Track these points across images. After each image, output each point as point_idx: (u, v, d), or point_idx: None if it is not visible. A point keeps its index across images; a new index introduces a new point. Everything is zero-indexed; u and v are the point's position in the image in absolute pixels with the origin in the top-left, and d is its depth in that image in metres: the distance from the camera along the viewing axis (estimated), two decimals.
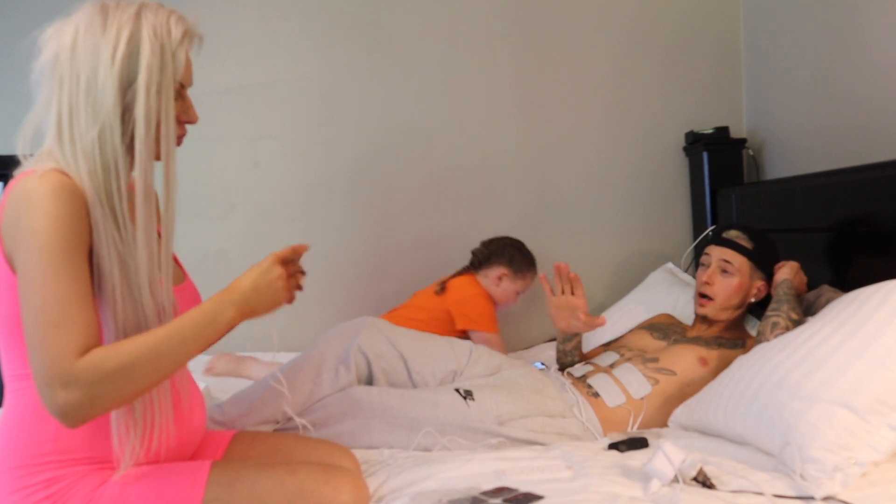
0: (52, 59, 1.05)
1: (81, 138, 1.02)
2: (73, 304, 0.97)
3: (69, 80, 1.04)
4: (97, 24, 1.04)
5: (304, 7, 2.54)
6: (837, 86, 2.16)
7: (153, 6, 1.08)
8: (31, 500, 1.02)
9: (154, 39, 1.05)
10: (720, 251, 1.81)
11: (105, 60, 1.02)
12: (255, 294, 1.08)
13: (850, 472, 1.14)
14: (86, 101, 1.03)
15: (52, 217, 0.97)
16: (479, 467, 1.30)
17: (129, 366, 0.97)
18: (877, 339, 1.25)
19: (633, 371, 1.69)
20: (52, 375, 0.94)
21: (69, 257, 0.98)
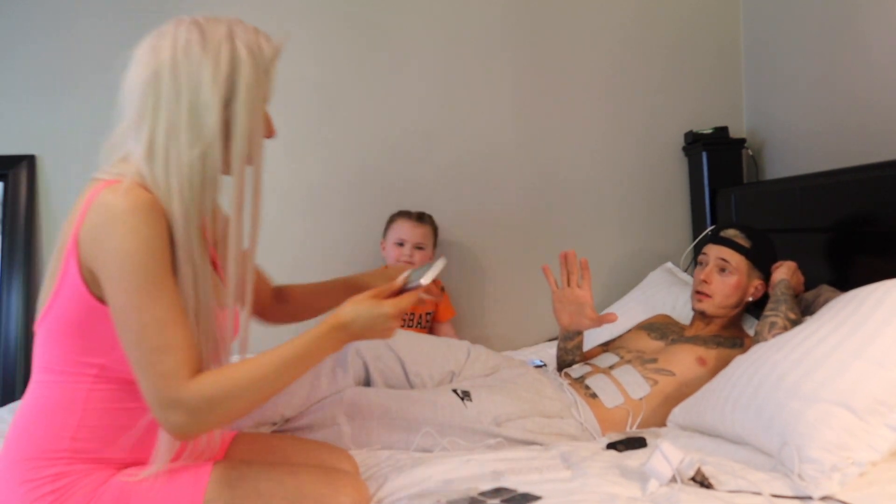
0: (151, 77, 1.03)
1: (179, 157, 1.02)
2: (173, 326, 0.99)
3: (169, 98, 1.02)
4: (195, 43, 1.04)
5: (304, 7, 2.54)
6: (837, 86, 2.16)
7: (240, 24, 1.09)
8: (38, 493, 1.03)
9: (250, 58, 1.05)
10: (718, 250, 1.81)
11: (207, 80, 1.02)
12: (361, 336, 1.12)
13: (848, 471, 1.14)
14: (188, 119, 1.02)
15: (143, 237, 0.97)
16: (478, 468, 1.30)
17: (235, 393, 1.01)
18: (875, 338, 1.25)
19: (632, 373, 1.69)
20: (162, 399, 0.97)
21: (163, 279, 0.99)
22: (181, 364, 0.98)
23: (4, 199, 2.45)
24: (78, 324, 1.03)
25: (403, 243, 2.31)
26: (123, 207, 0.97)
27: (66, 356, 1.05)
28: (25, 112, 2.48)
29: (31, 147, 2.49)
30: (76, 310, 1.02)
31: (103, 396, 1.06)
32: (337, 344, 1.10)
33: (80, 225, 1.01)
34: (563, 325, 1.76)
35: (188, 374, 0.98)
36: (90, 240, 0.99)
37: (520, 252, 2.64)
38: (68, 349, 1.04)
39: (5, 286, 2.41)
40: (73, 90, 2.48)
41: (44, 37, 2.47)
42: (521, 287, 2.64)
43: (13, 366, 2.38)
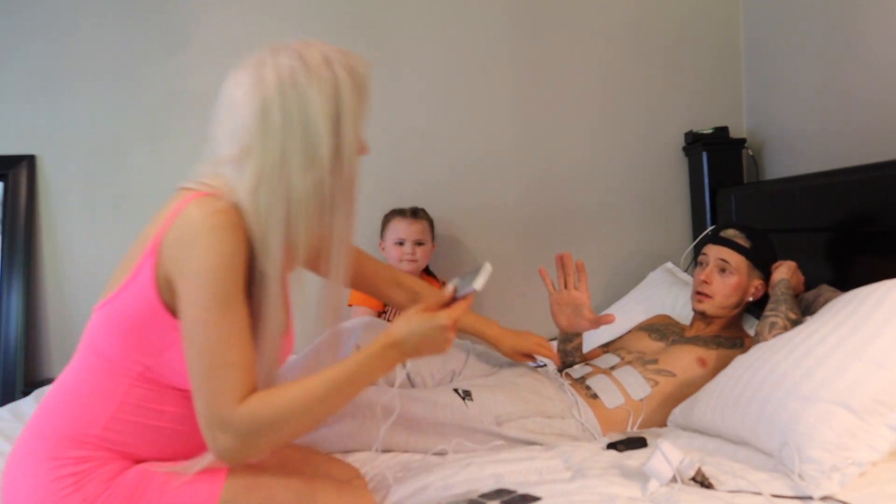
0: (260, 108, 1.03)
1: (292, 185, 1.03)
2: (237, 346, 0.99)
3: (280, 127, 1.03)
4: (299, 70, 1.04)
5: (305, 7, 2.54)
6: (837, 86, 2.16)
7: (329, 46, 1.09)
8: (60, 472, 1.04)
9: (350, 79, 1.06)
10: (718, 250, 1.81)
11: (316, 106, 1.03)
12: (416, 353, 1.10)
13: (847, 471, 1.14)
14: (301, 147, 1.03)
15: (225, 255, 0.98)
16: (478, 472, 1.30)
17: (287, 416, 1.00)
18: (875, 339, 1.25)
19: (632, 373, 1.69)
20: (213, 419, 0.97)
21: (236, 298, 1.00)
22: (237, 384, 0.98)
23: (4, 199, 2.45)
24: (138, 322, 1.04)
25: (403, 242, 2.32)
26: (211, 223, 0.98)
27: (117, 348, 1.06)
28: (25, 112, 2.48)
29: (31, 147, 2.49)
30: (140, 309, 1.03)
31: (141, 394, 1.07)
32: (391, 363, 1.08)
33: (164, 231, 1.02)
34: (562, 327, 1.76)
35: (242, 395, 0.98)
36: (173, 248, 1.00)
37: (520, 252, 2.64)
38: (121, 342, 1.05)
39: (5, 286, 2.41)
40: (73, 90, 2.48)
41: (44, 37, 2.47)
42: (521, 287, 2.64)
43: (13, 366, 2.38)
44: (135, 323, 1.04)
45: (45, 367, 2.48)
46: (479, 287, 1.09)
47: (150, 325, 1.04)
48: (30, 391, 2.11)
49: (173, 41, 2.48)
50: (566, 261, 1.70)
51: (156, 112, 2.49)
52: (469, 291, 1.10)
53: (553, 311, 1.74)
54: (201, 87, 2.48)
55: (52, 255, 2.48)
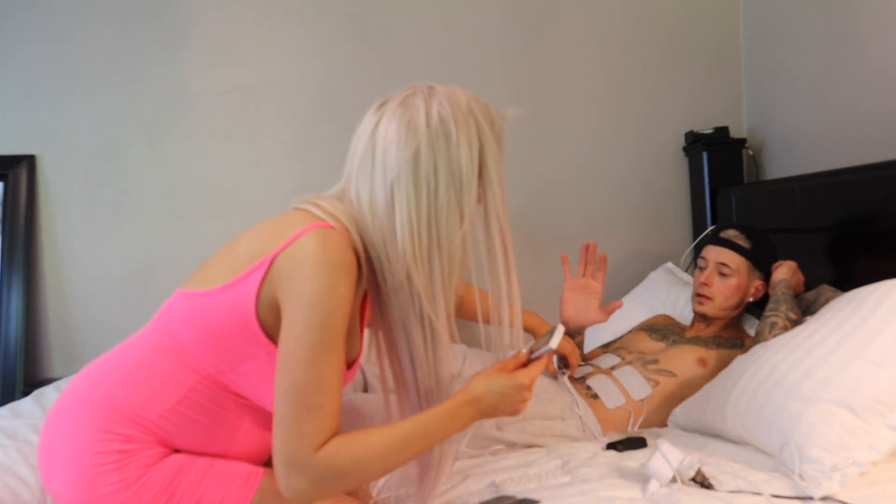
0: (413, 156, 1.03)
1: (440, 237, 1.04)
2: (330, 389, 0.98)
3: (431, 179, 1.04)
4: (450, 120, 1.05)
5: (305, 7, 2.54)
6: (837, 86, 2.16)
7: (471, 96, 1.11)
8: (106, 447, 1.03)
9: (491, 132, 1.09)
10: (717, 252, 1.81)
11: (465, 160, 1.04)
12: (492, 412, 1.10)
13: (848, 471, 1.14)
14: (449, 200, 1.04)
15: (341, 296, 0.97)
16: (476, 483, 1.30)
17: (362, 465, 0.99)
18: (875, 339, 1.25)
19: (633, 374, 1.69)
20: (290, 460, 0.96)
21: (340, 339, 0.99)
22: (322, 429, 0.97)
23: (4, 199, 2.45)
24: (226, 329, 1.02)
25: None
26: (330, 259, 0.97)
27: (196, 343, 1.04)
28: (25, 112, 2.48)
29: (31, 147, 2.49)
30: (233, 318, 1.02)
31: (205, 394, 1.06)
32: (468, 421, 1.07)
33: (281, 250, 1.00)
34: (567, 317, 1.69)
35: (323, 441, 0.97)
36: (287, 272, 0.98)
37: (520, 252, 2.62)
38: (202, 340, 1.04)
39: (5, 286, 2.41)
40: (73, 90, 2.48)
41: (44, 37, 2.47)
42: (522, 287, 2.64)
43: (13, 366, 2.38)
44: (223, 329, 1.02)
45: (45, 367, 2.48)
46: (554, 346, 1.10)
47: (238, 336, 1.02)
48: (30, 391, 2.11)
49: (173, 42, 2.48)
50: (591, 250, 1.70)
51: (156, 112, 2.49)
52: (545, 351, 1.11)
53: (563, 299, 1.69)
54: (202, 88, 2.48)
55: (52, 255, 2.48)
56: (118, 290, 2.46)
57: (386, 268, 1.05)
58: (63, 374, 2.46)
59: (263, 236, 1.04)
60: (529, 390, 1.10)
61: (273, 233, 1.04)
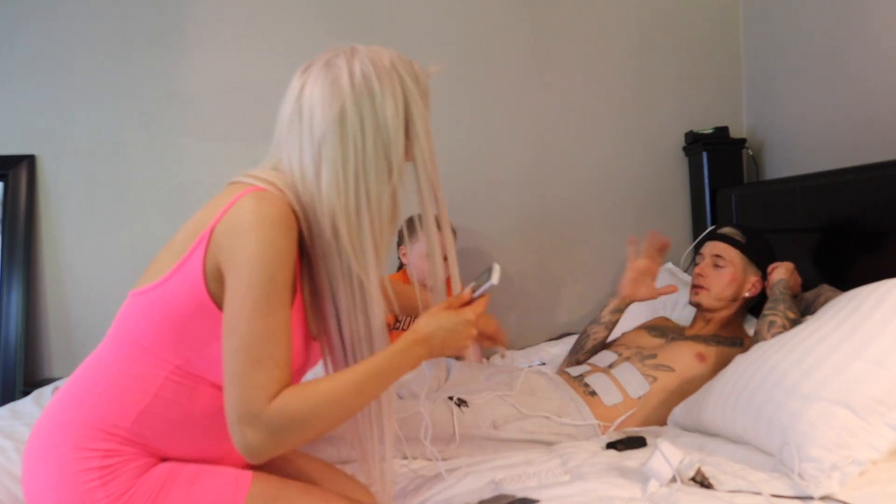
0: (338, 115, 1.04)
1: (369, 192, 1.05)
2: (278, 341, 0.98)
3: (357, 135, 1.04)
4: (373, 77, 1.06)
5: (304, 7, 2.54)
6: (837, 86, 2.16)
7: (394, 54, 1.11)
8: (86, 464, 1.02)
9: (415, 86, 1.09)
10: (713, 245, 1.85)
11: (390, 114, 1.05)
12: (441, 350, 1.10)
13: (847, 471, 1.14)
14: (377, 155, 1.05)
15: (279, 250, 0.98)
16: (477, 480, 1.30)
17: (317, 412, 0.99)
18: (875, 338, 1.25)
19: (631, 370, 1.69)
20: (243, 414, 0.95)
21: (284, 293, 0.99)
22: (274, 380, 0.97)
23: (4, 199, 2.45)
24: (183, 314, 1.02)
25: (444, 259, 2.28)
26: (266, 215, 0.98)
27: (157, 338, 1.04)
28: (25, 112, 2.48)
29: (31, 147, 2.49)
30: (187, 300, 1.02)
31: (176, 389, 1.05)
32: (417, 360, 1.08)
33: (217, 222, 1.01)
34: (625, 292, 1.82)
35: (276, 392, 0.96)
36: (225, 238, 0.99)
37: (521, 252, 2.64)
38: (163, 332, 1.03)
39: (5, 286, 2.41)
40: (73, 90, 2.48)
41: (44, 37, 2.47)
42: (524, 286, 2.64)
43: (13, 366, 2.38)
44: (179, 314, 1.02)
45: (45, 367, 2.48)
46: (496, 281, 1.13)
47: (195, 316, 1.02)
48: (30, 391, 2.11)
49: (173, 42, 2.48)
50: (656, 236, 1.82)
51: (156, 112, 2.49)
52: (487, 287, 1.13)
53: (627, 276, 1.83)
54: (201, 88, 2.48)
55: (52, 255, 2.49)
56: (118, 290, 2.46)
57: (315, 228, 1.05)
58: (63, 375, 2.46)
59: (200, 216, 1.05)
60: (475, 326, 1.12)
61: (209, 210, 1.04)
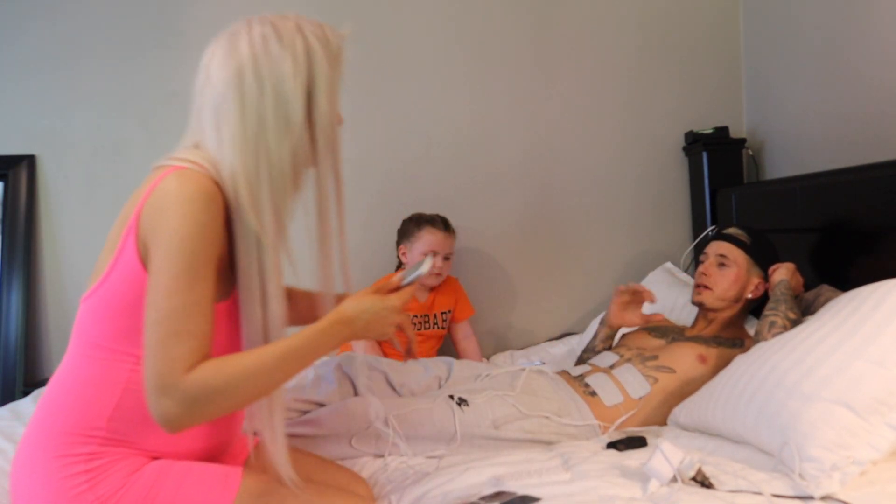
0: (234, 75, 1.05)
1: (269, 151, 1.05)
2: (198, 315, 0.99)
3: (254, 94, 1.05)
4: (271, 38, 1.06)
5: (305, 7, 2.54)
6: (837, 86, 2.16)
7: (303, 18, 1.11)
8: (70, 470, 1.03)
9: (323, 48, 1.08)
10: (717, 245, 1.85)
11: (288, 73, 1.05)
12: (364, 332, 1.11)
13: (848, 471, 1.14)
14: (275, 114, 1.05)
15: (199, 224, 0.98)
16: (477, 475, 1.30)
17: (234, 385, 0.99)
18: (875, 338, 1.25)
19: (632, 371, 1.69)
20: (160, 384, 0.96)
21: (205, 267, 1.00)
22: (192, 352, 0.97)
23: (4, 199, 2.45)
24: (130, 302, 1.03)
25: (434, 254, 2.28)
26: (187, 192, 0.99)
27: (113, 334, 1.05)
28: (25, 112, 2.48)
29: (31, 147, 2.49)
30: (130, 287, 1.02)
31: (141, 380, 1.05)
32: (339, 340, 1.09)
33: (142, 204, 1.02)
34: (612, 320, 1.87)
35: (193, 364, 0.97)
36: (150, 219, 1.00)
37: (521, 252, 2.64)
38: (117, 327, 1.04)
39: (5, 286, 2.41)
40: (73, 90, 2.48)
41: (45, 37, 2.47)
42: (524, 286, 2.64)
43: (13, 366, 2.38)
44: (128, 304, 1.03)
45: (45, 367, 2.48)
46: (425, 271, 1.16)
47: (141, 301, 1.02)
48: (30, 391, 2.12)
49: (172, 41, 2.48)
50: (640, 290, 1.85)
51: (155, 111, 2.49)
52: (415, 277, 1.17)
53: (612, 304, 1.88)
54: None
55: (52, 255, 2.48)
56: None
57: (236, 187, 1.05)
58: None
59: (127, 207, 1.07)
60: (400, 313, 1.13)
61: (134, 198, 1.06)
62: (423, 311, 2.33)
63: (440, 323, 2.36)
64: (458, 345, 2.44)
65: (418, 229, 2.30)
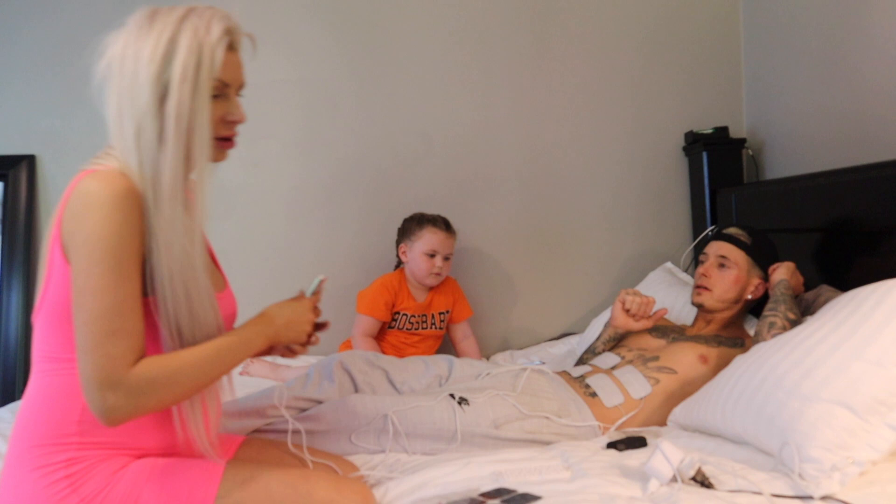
0: (107, 66, 1.07)
1: (125, 137, 1.05)
2: (128, 312, 1.00)
3: (118, 82, 1.06)
4: (144, 28, 1.07)
5: (305, 8, 2.54)
6: (837, 86, 2.16)
7: (201, 9, 1.10)
8: (51, 478, 1.04)
9: (193, 38, 1.06)
10: (718, 246, 1.84)
11: (144, 60, 1.05)
12: (285, 331, 1.17)
13: (848, 471, 1.14)
14: (129, 100, 1.05)
15: (116, 223, 1.00)
16: (478, 470, 1.30)
17: (176, 378, 1.02)
18: (875, 338, 1.25)
19: (633, 372, 1.69)
20: (104, 380, 0.98)
21: (128, 265, 1.01)
22: (131, 349, 1.00)
23: (4, 199, 2.45)
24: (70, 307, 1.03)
25: (435, 254, 2.29)
26: (100, 194, 1.00)
27: (64, 343, 1.06)
28: (25, 112, 2.48)
29: (31, 147, 2.49)
30: (68, 294, 1.03)
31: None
32: (264, 337, 1.14)
33: (62, 211, 1.04)
34: (617, 321, 1.86)
35: (134, 360, 1.00)
36: (69, 223, 1.02)
37: (521, 252, 2.64)
38: (66, 335, 1.05)
39: (5, 286, 2.41)
40: (73, 90, 2.48)
41: (45, 37, 2.47)
42: (524, 286, 2.64)
43: (13, 366, 2.38)
44: (69, 311, 1.03)
45: None
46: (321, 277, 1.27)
47: None
48: None
49: None
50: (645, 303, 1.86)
51: None
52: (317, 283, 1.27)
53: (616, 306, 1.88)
54: None
55: None
56: None
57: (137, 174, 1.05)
58: None
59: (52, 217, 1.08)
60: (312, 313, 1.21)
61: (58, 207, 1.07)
62: (420, 311, 2.33)
63: (438, 323, 2.36)
64: (458, 345, 2.44)
65: (420, 228, 2.31)
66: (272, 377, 2.18)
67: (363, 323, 2.30)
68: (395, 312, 2.33)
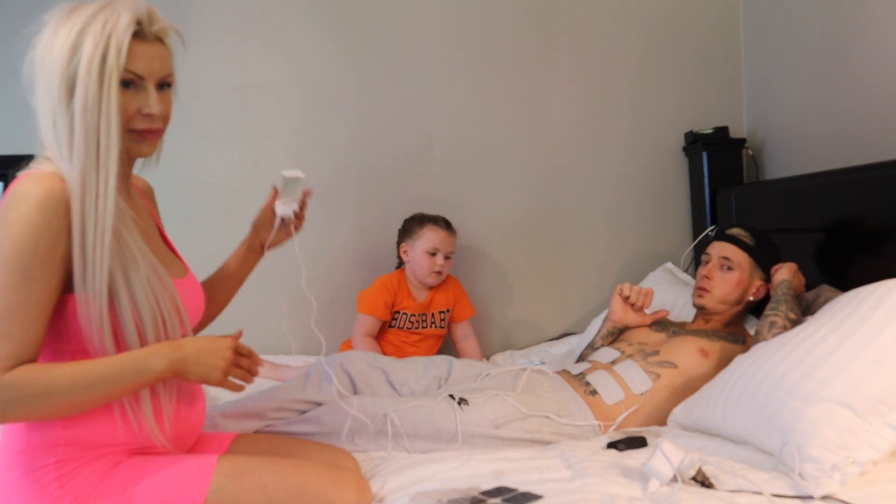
0: (30, 63, 1.09)
1: (46, 132, 1.07)
2: (20, 316, 0.98)
3: (39, 77, 1.08)
4: (62, 21, 1.07)
5: (304, 7, 2.54)
6: (837, 86, 2.16)
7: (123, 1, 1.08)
8: (43, 481, 1.04)
9: (100, 30, 1.05)
10: (721, 247, 1.83)
11: (55, 53, 1.05)
12: (195, 363, 1.08)
13: (848, 471, 1.14)
14: (46, 94, 1.06)
15: (30, 224, 0.99)
16: (478, 467, 1.30)
17: (49, 393, 0.99)
18: (875, 338, 1.25)
19: (633, 367, 1.69)
20: None
21: (32, 268, 0.99)
22: (10, 355, 0.97)
23: None
24: None
25: (436, 253, 2.29)
26: (24, 194, 1.00)
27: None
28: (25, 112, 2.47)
29: (31, 147, 2.48)
30: None
31: None
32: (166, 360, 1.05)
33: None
34: (615, 316, 1.89)
35: (11, 365, 0.98)
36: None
37: (521, 251, 2.64)
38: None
39: None
40: None
41: None
42: (524, 285, 2.64)
43: None
44: None
45: None
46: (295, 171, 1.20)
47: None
48: None
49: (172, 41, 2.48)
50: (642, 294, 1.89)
51: None
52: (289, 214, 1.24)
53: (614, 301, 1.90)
54: (201, 88, 2.48)
55: None
56: None
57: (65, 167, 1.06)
58: None
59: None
60: (232, 351, 1.10)
61: None
62: (420, 310, 2.34)
63: (438, 322, 2.36)
64: (459, 345, 2.44)
65: (420, 227, 2.32)
66: (272, 377, 2.18)
67: (363, 323, 2.30)
68: (395, 312, 2.33)
